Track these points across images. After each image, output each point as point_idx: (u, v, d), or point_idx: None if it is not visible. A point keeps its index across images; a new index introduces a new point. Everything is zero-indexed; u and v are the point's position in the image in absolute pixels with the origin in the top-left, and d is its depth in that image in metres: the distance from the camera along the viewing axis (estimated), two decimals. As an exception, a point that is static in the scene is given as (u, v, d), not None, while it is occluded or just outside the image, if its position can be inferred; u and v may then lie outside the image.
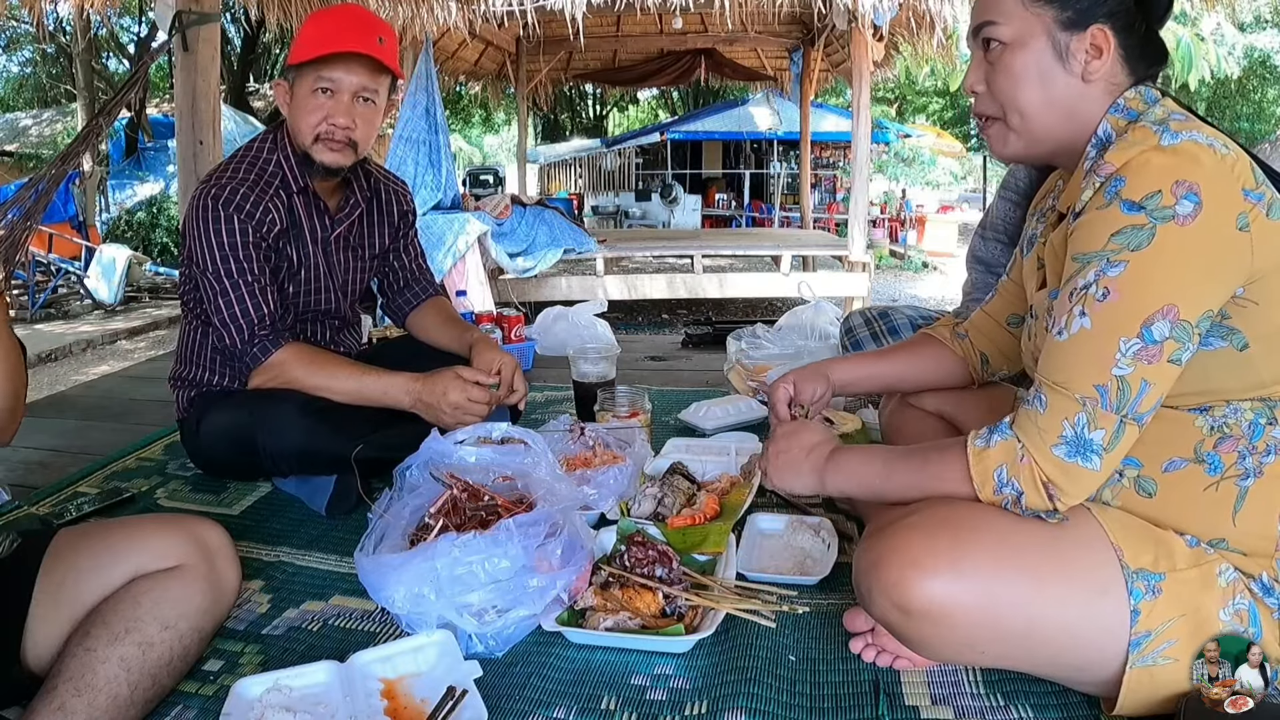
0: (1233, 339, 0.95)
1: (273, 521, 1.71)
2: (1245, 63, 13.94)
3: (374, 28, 1.71)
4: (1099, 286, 0.92)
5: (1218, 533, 0.99)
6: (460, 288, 4.63)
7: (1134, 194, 0.91)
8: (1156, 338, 0.91)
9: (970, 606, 0.95)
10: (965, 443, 1.02)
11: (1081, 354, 0.94)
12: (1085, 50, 1.01)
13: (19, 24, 13.79)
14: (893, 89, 18.56)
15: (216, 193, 1.69)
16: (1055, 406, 0.95)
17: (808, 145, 9.60)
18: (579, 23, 4.91)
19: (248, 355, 1.73)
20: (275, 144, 1.79)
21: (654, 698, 1.12)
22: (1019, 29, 1.03)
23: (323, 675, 1.12)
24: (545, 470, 1.42)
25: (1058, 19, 1.01)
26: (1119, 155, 0.94)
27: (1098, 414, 0.93)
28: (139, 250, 9.24)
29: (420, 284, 2.12)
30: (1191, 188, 0.89)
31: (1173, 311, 0.90)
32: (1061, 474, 0.95)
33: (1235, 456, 0.97)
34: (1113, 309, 0.92)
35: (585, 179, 17.31)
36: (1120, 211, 0.91)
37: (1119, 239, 0.91)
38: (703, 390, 2.58)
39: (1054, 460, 0.95)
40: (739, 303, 7.57)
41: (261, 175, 1.75)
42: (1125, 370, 0.92)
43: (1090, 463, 0.94)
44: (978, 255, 2.08)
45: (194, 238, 1.71)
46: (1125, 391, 0.92)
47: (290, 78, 1.74)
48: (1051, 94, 1.03)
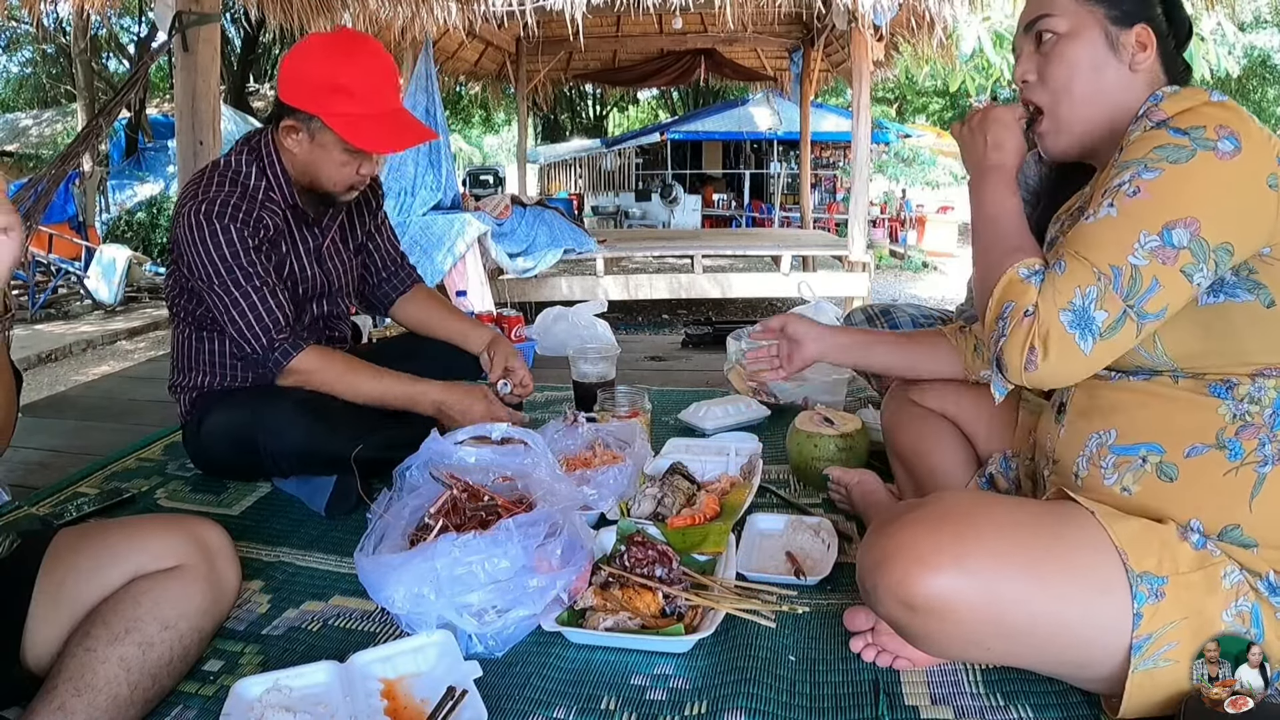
0: (1260, 294, 0.99)
1: (273, 521, 1.71)
2: (1245, 62, 13.95)
3: (398, 78, 1.73)
4: (1131, 185, 0.98)
5: (1232, 518, 0.99)
6: (460, 288, 4.64)
7: (1181, 124, 0.98)
8: (1175, 242, 0.94)
9: (975, 602, 0.95)
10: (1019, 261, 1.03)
11: (1104, 234, 0.98)
12: (1133, 44, 1.09)
13: (19, 24, 13.79)
14: (893, 89, 18.55)
15: (207, 208, 1.66)
16: (1072, 271, 0.97)
17: (808, 145, 9.60)
18: (579, 23, 4.91)
19: (269, 361, 1.72)
20: (260, 162, 1.75)
21: (654, 698, 1.12)
22: (1074, 21, 1.12)
23: (323, 675, 1.12)
24: (545, 470, 1.42)
25: (1108, 15, 1.11)
26: (1173, 105, 1.01)
27: (1108, 293, 0.95)
28: (139, 250, 9.24)
29: (402, 270, 2.13)
30: (1234, 133, 0.95)
31: (1195, 225, 0.94)
32: (1057, 341, 0.96)
33: (1256, 443, 0.98)
34: (1138, 204, 0.97)
35: (585, 179, 17.30)
36: (1167, 133, 0.98)
37: (1160, 151, 0.98)
38: (703, 390, 2.58)
39: (1058, 325, 0.96)
40: (739, 303, 7.57)
41: (247, 189, 1.72)
42: (1140, 261, 0.95)
43: (1084, 341, 0.96)
44: None
45: (193, 255, 1.68)
46: (1137, 281, 0.95)
47: (310, 126, 1.68)
48: (1103, 82, 1.11)
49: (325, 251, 1.90)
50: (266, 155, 1.75)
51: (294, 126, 1.70)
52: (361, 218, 2.02)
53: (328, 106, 1.65)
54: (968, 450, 1.47)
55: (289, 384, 1.75)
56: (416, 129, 1.73)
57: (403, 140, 1.72)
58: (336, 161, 1.72)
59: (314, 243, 1.87)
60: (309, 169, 1.74)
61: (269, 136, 1.76)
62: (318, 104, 1.66)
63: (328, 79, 1.64)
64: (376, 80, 1.67)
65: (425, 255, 5.19)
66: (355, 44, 1.69)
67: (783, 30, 8.13)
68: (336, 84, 1.64)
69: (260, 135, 1.78)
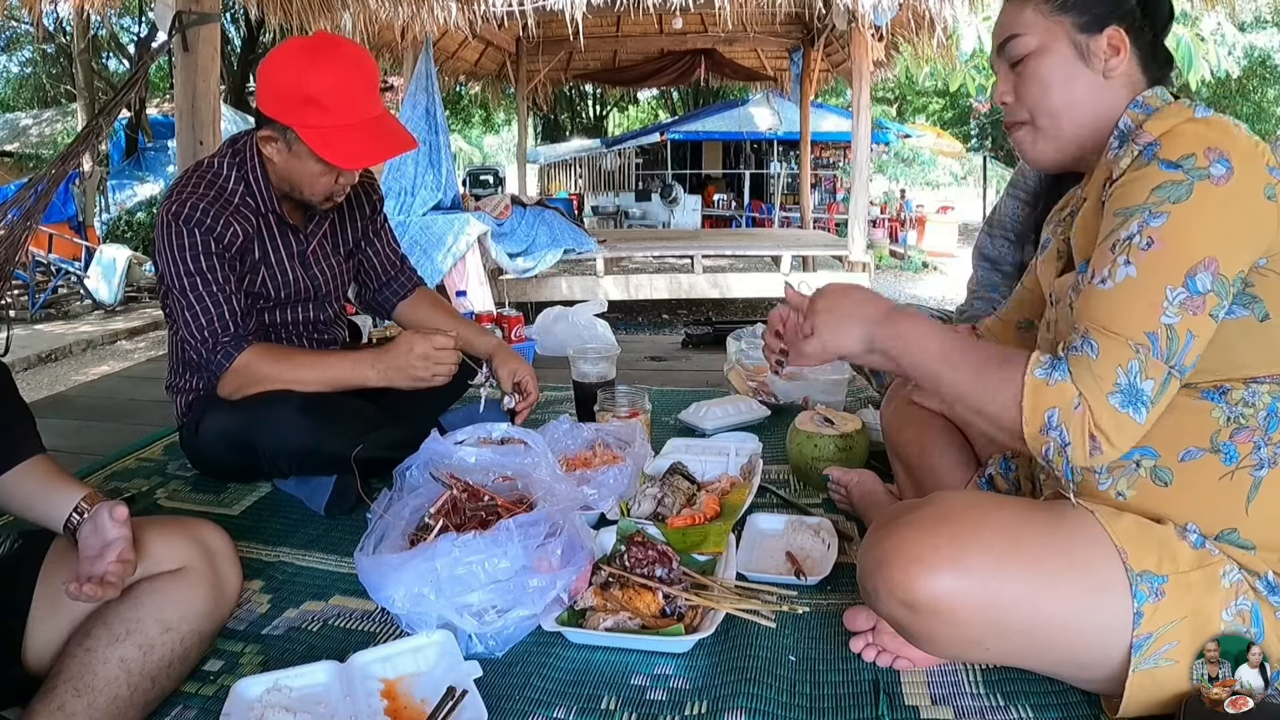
0: (1254, 308, 0.97)
1: (273, 521, 1.71)
2: (1245, 62, 13.93)
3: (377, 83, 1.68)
4: (1143, 236, 0.94)
5: (1229, 523, 0.99)
6: (460, 288, 4.64)
7: (1170, 154, 0.95)
8: (1200, 289, 0.92)
9: (974, 602, 0.96)
10: (1025, 368, 0.96)
11: (1130, 301, 0.94)
12: (1104, 50, 1.07)
13: (19, 24, 13.80)
14: (893, 89, 18.56)
15: (177, 209, 1.66)
16: (1109, 351, 0.93)
17: (808, 145, 9.61)
18: (579, 23, 4.92)
19: (213, 363, 1.71)
20: (238, 167, 1.74)
21: (654, 698, 1.12)
22: (1042, 37, 1.09)
23: (323, 675, 1.12)
24: (545, 470, 1.42)
25: (1076, 23, 1.07)
26: (1156, 125, 0.99)
27: (1149, 362, 0.92)
28: (139, 250, 9.22)
29: (404, 274, 2.12)
30: (1223, 154, 0.93)
31: (1214, 264, 0.92)
32: (1114, 424, 0.92)
33: (1251, 446, 0.98)
34: (1157, 257, 0.93)
35: (585, 179, 17.29)
36: (1159, 169, 0.95)
37: (1160, 192, 0.94)
38: (703, 390, 2.58)
39: (1110, 410, 0.92)
40: (739, 303, 7.56)
41: (221, 194, 1.72)
42: (1173, 319, 0.92)
43: (1139, 414, 0.93)
44: (984, 252, 2.09)
45: (160, 255, 1.69)
46: (1174, 341, 0.92)
47: (288, 136, 1.65)
48: (1076, 93, 1.08)
49: (310, 256, 1.88)
50: (250, 159, 1.75)
51: (270, 136, 1.67)
52: (354, 221, 2.00)
53: (300, 118, 1.61)
54: (967, 451, 1.47)
55: (232, 387, 1.72)
56: (396, 138, 1.69)
57: (378, 153, 1.67)
58: (313, 172, 1.68)
59: (297, 247, 1.85)
60: (288, 178, 1.73)
61: (253, 141, 1.74)
62: (291, 115, 1.62)
63: (299, 90, 1.59)
64: (352, 89, 1.62)
65: (425, 255, 5.20)
66: (328, 51, 1.61)
67: (783, 30, 8.13)
68: (308, 95, 1.59)
69: (245, 138, 1.77)
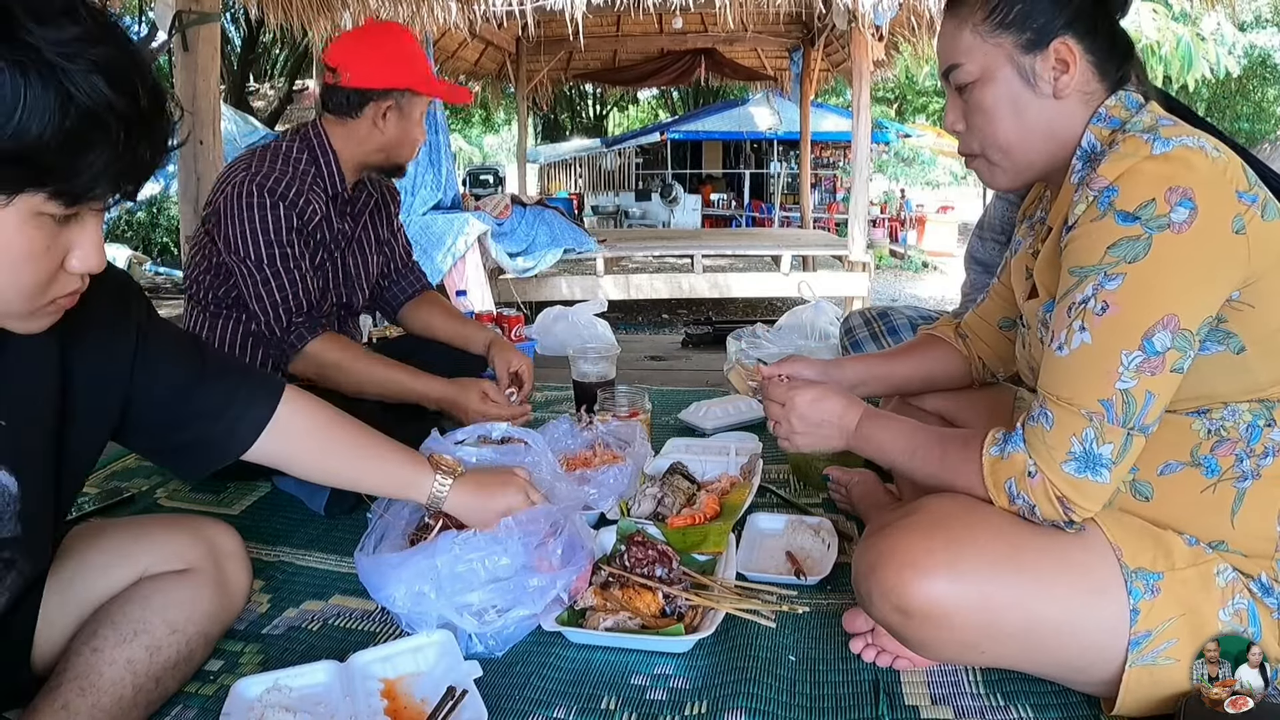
0: (1229, 343, 0.95)
1: (273, 521, 1.71)
2: (1245, 62, 13.93)
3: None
4: (1097, 300, 0.92)
5: (1217, 535, 0.99)
6: (460, 288, 4.63)
7: (1128, 204, 0.90)
8: (1158, 348, 0.90)
9: (968, 607, 0.95)
10: (981, 447, 1.02)
11: (1084, 369, 0.93)
12: (1052, 68, 1.01)
13: (19, 24, 13.76)
14: (893, 89, 18.54)
15: (261, 180, 1.69)
16: (1062, 423, 0.94)
17: (808, 145, 9.59)
18: (579, 23, 4.91)
19: (285, 342, 1.75)
20: (310, 149, 1.80)
21: (654, 698, 1.13)
22: (983, 63, 1.03)
23: (323, 675, 1.12)
24: (545, 470, 1.42)
25: (1018, 43, 1.02)
26: (1112, 168, 0.93)
27: (1105, 428, 0.92)
28: (139, 250, 9.22)
29: (413, 274, 2.15)
30: (1186, 193, 0.88)
31: (1173, 321, 0.89)
32: (1073, 489, 0.94)
33: (1232, 459, 0.97)
34: (1112, 323, 0.91)
35: (585, 179, 17.30)
36: (1115, 223, 0.91)
37: (1115, 251, 0.91)
38: (703, 390, 2.58)
39: (1064, 476, 0.94)
40: (739, 303, 7.57)
41: (297, 171, 1.76)
42: (1129, 384, 0.91)
43: (1100, 476, 0.93)
44: (975, 256, 2.09)
45: (233, 225, 1.70)
46: (1130, 405, 0.91)
47: (401, 101, 1.79)
48: (1027, 120, 1.03)
49: (357, 242, 1.95)
50: (317, 142, 1.80)
51: (391, 106, 1.78)
52: (386, 213, 2.06)
53: (412, 78, 1.77)
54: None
55: (298, 369, 1.77)
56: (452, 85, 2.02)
57: (457, 93, 1.98)
58: (418, 131, 1.85)
59: (349, 233, 1.92)
60: (398, 142, 1.83)
61: (319, 126, 1.81)
62: (405, 78, 1.77)
63: (401, 53, 1.78)
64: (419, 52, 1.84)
65: (425, 255, 5.19)
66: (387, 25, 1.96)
67: (783, 30, 8.13)
68: (411, 54, 1.79)
69: (307, 126, 1.83)
